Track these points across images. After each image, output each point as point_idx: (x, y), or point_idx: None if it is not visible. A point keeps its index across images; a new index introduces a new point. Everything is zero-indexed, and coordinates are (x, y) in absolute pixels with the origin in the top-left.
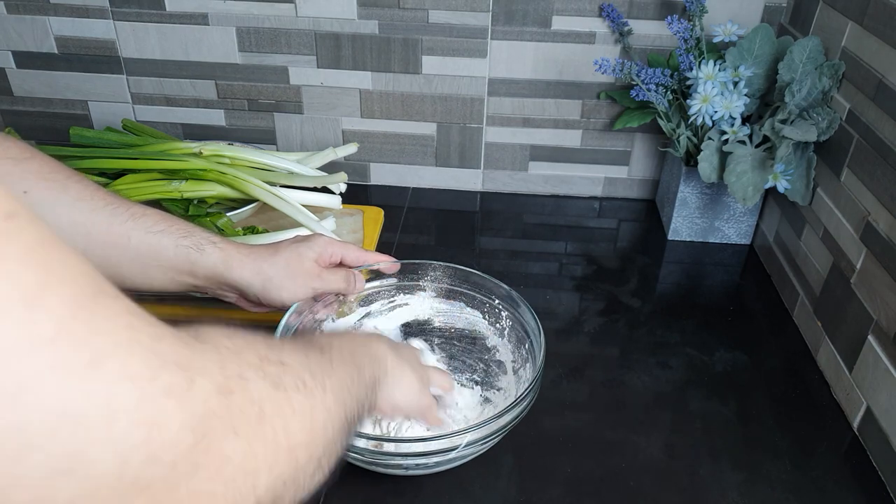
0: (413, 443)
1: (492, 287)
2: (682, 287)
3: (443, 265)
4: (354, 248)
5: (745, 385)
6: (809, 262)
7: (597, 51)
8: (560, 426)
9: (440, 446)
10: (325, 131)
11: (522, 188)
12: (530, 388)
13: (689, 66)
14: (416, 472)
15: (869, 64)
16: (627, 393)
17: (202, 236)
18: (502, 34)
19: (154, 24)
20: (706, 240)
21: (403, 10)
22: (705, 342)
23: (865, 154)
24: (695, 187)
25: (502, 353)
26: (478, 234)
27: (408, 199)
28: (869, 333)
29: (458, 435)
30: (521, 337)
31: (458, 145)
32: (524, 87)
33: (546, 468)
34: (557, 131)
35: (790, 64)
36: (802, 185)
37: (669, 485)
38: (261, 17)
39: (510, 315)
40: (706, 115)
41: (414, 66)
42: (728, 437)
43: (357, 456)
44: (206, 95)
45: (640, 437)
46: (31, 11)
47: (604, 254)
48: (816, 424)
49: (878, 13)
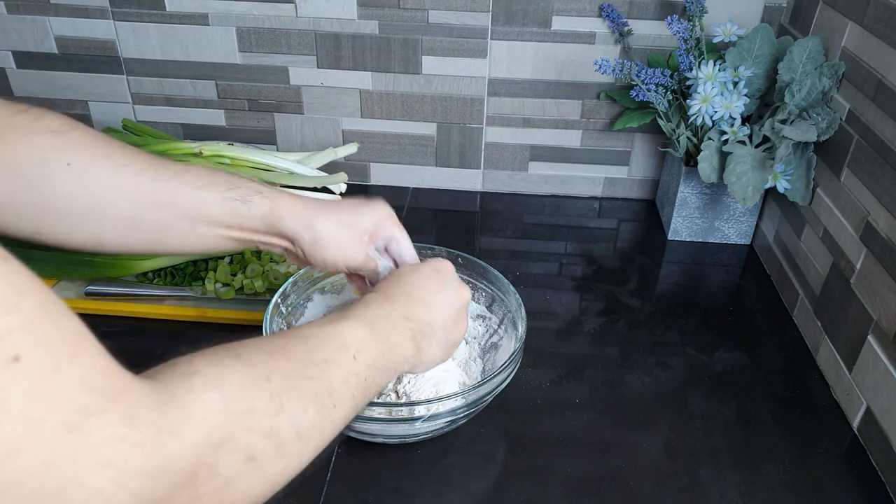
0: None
1: (477, 268)
2: (681, 287)
3: (429, 247)
4: (408, 240)
5: (745, 385)
6: (809, 262)
7: (597, 51)
8: (560, 426)
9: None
10: (325, 131)
11: (522, 188)
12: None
13: (689, 66)
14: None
15: (869, 64)
16: (627, 393)
17: (249, 187)
18: (502, 34)
19: (154, 24)
20: (706, 240)
21: (403, 10)
22: (705, 342)
23: (865, 154)
24: (695, 187)
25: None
26: (478, 234)
27: (408, 199)
28: (869, 333)
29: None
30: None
31: (458, 145)
32: (524, 88)
33: (546, 468)
34: (557, 131)
35: (790, 64)
36: (802, 185)
37: (669, 485)
38: (261, 18)
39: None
40: (706, 115)
41: (414, 67)
42: (728, 437)
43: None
44: (206, 95)
45: (640, 437)
46: (31, 11)
47: (604, 254)
48: (816, 424)
49: (878, 13)
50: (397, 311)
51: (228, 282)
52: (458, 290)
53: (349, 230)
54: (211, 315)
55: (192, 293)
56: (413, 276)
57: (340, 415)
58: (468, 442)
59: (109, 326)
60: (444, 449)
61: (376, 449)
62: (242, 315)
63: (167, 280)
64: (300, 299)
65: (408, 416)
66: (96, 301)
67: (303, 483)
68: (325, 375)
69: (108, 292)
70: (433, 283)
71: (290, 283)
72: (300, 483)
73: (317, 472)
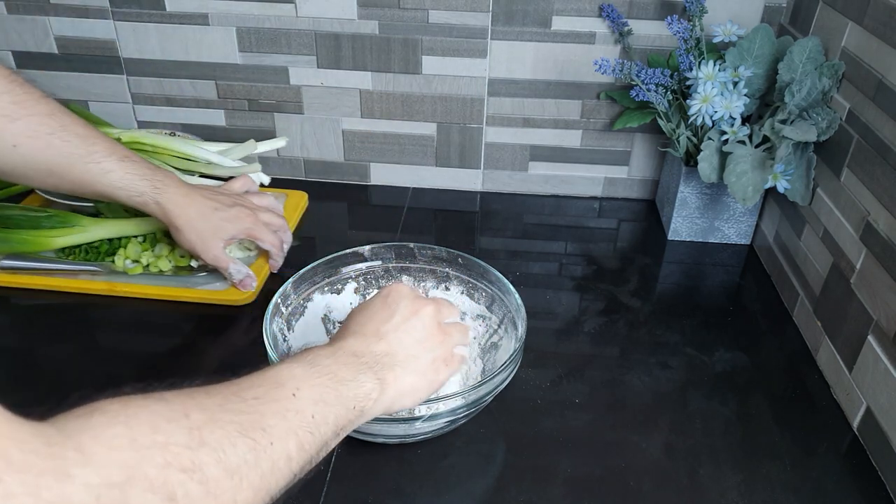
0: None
1: (474, 266)
2: (681, 287)
3: (429, 247)
4: (268, 198)
5: (745, 385)
6: (809, 262)
7: (597, 51)
8: (560, 426)
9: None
10: (325, 131)
11: (522, 188)
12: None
13: (689, 66)
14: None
15: (869, 64)
16: (627, 393)
17: (139, 173)
18: (502, 34)
19: (154, 24)
20: (706, 240)
21: (403, 10)
22: (705, 342)
23: (865, 154)
24: (695, 187)
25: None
26: (478, 234)
27: (408, 199)
28: (869, 333)
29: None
30: (500, 307)
31: (458, 145)
32: (524, 88)
33: (546, 468)
34: (557, 131)
35: (790, 64)
36: (802, 185)
37: (669, 485)
38: (261, 18)
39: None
40: (706, 115)
41: (414, 67)
42: (728, 437)
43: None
44: (206, 95)
45: (640, 437)
46: (31, 11)
47: (604, 254)
48: (816, 424)
49: (878, 13)
50: (343, 350)
51: (137, 258)
52: (412, 309)
53: (207, 221)
54: (120, 289)
55: (101, 269)
56: (360, 315)
57: (281, 453)
58: (468, 442)
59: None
60: (444, 449)
61: (376, 449)
62: (151, 290)
63: (81, 256)
64: (300, 299)
65: (408, 416)
66: (10, 274)
67: (303, 483)
68: (254, 410)
69: (22, 266)
70: (383, 313)
71: (290, 283)
72: (300, 483)
73: (317, 472)
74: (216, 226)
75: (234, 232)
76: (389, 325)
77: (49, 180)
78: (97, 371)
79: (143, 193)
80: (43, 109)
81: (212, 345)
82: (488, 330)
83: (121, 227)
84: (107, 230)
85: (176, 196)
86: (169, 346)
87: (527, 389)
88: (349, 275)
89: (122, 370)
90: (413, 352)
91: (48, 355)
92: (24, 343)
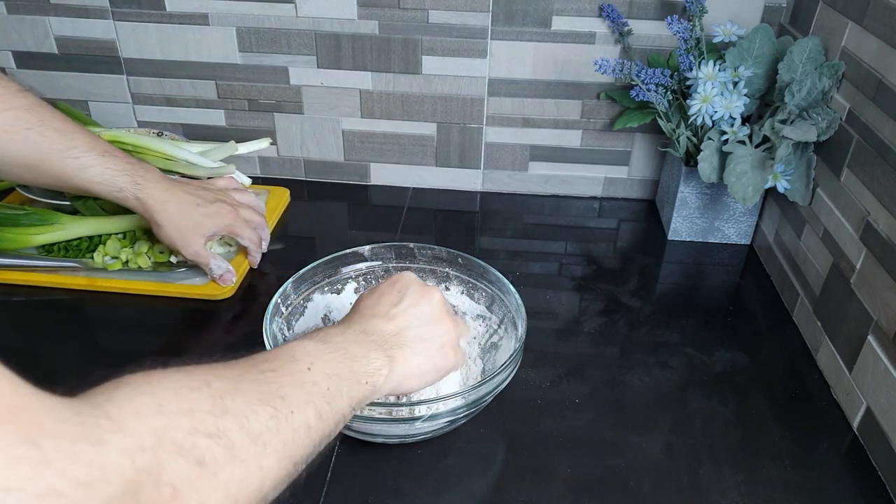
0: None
1: (474, 266)
2: (681, 287)
3: (429, 247)
4: (248, 195)
5: (745, 385)
6: (809, 262)
7: (597, 51)
8: (560, 426)
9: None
10: (325, 131)
11: (522, 188)
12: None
13: (689, 66)
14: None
15: (869, 64)
16: (627, 393)
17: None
18: (502, 34)
19: (154, 24)
20: (706, 240)
21: (403, 10)
22: (705, 342)
23: (865, 154)
24: (695, 187)
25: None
26: (478, 234)
27: (408, 199)
28: (869, 333)
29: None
30: (501, 307)
31: (458, 145)
32: (524, 88)
33: (546, 468)
34: (557, 131)
35: (790, 64)
36: (802, 185)
37: (669, 485)
38: (261, 18)
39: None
40: (706, 115)
41: (414, 67)
42: (728, 437)
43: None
44: (206, 95)
45: (640, 437)
46: (31, 11)
47: (604, 254)
48: (816, 424)
49: (878, 13)
50: (353, 329)
51: (117, 255)
52: (422, 294)
53: (187, 217)
54: (100, 284)
55: (81, 266)
56: (369, 298)
57: (301, 422)
58: (468, 442)
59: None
60: (444, 449)
61: (376, 449)
62: (130, 285)
63: (61, 253)
64: (300, 299)
65: (408, 416)
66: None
67: (303, 483)
68: (272, 381)
69: (2, 263)
70: (392, 297)
71: (290, 283)
72: (300, 483)
73: (317, 472)
74: (197, 222)
75: (214, 228)
76: (399, 307)
77: (27, 175)
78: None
79: (123, 189)
80: (21, 104)
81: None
82: (488, 330)
83: (100, 225)
84: (86, 227)
85: (156, 191)
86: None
87: (527, 389)
88: (349, 275)
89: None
90: (421, 334)
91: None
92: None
